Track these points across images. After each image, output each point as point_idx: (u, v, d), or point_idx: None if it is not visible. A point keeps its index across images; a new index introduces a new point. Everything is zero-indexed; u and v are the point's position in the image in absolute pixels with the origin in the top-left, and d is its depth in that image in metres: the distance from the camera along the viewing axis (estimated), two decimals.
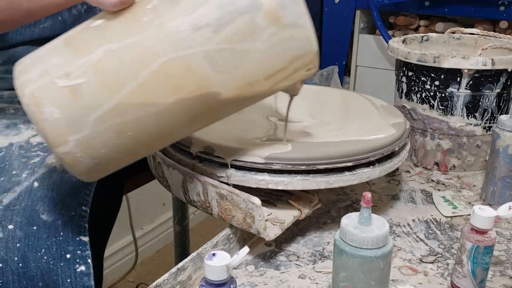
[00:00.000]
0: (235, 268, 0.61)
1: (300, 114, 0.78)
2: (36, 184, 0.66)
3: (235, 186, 0.62)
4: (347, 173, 0.65)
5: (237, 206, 0.60)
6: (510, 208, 0.55)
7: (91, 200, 0.70)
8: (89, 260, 0.65)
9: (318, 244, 0.67)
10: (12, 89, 0.83)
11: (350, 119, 0.77)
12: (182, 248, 1.25)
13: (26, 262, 0.61)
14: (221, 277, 0.45)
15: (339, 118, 0.77)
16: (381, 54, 1.98)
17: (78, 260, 0.64)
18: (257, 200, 0.58)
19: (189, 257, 0.58)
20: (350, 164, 0.64)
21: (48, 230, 0.64)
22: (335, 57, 2.12)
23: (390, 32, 1.94)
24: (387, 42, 1.58)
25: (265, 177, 0.63)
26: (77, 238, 0.65)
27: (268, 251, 0.65)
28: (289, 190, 0.67)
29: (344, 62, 2.12)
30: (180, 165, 0.65)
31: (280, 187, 0.63)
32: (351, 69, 2.10)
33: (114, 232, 1.55)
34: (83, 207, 0.68)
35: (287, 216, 0.65)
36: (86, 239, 0.66)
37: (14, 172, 0.67)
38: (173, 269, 0.55)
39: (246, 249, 0.47)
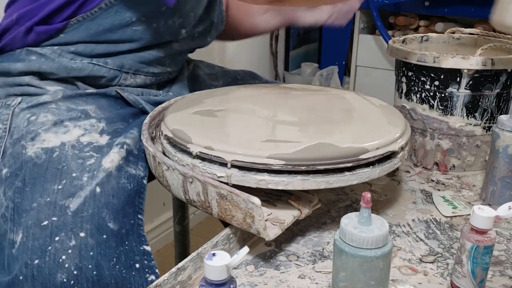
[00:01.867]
0: (235, 268, 0.61)
1: (299, 114, 0.78)
2: (98, 189, 0.66)
3: (235, 186, 0.62)
4: (347, 173, 0.65)
5: (237, 206, 0.60)
6: (510, 208, 0.55)
7: (144, 209, 0.70)
8: (157, 270, 0.66)
9: (318, 244, 0.67)
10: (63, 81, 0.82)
11: (349, 119, 0.77)
12: (182, 248, 1.25)
13: (100, 270, 0.62)
14: (221, 277, 0.45)
15: (339, 119, 0.77)
16: (381, 54, 1.98)
17: (147, 270, 0.65)
18: (257, 200, 0.58)
19: (189, 257, 0.58)
20: (350, 165, 0.64)
21: (116, 239, 0.65)
22: (335, 57, 2.13)
23: (390, 32, 1.94)
24: (387, 42, 1.58)
25: (265, 177, 0.63)
26: (141, 248, 0.66)
27: (268, 251, 0.65)
28: (289, 190, 0.67)
29: (344, 62, 2.12)
30: (180, 165, 0.65)
31: (280, 187, 0.63)
32: (351, 69, 2.10)
33: None
34: (139, 215, 0.69)
35: (287, 216, 0.65)
36: (149, 248, 0.67)
37: (74, 174, 0.68)
38: (173, 269, 0.55)
39: (246, 249, 0.47)
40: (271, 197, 0.69)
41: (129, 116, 0.82)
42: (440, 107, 0.86)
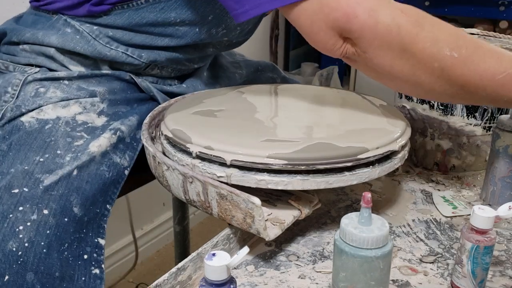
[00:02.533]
0: (235, 268, 0.61)
1: (299, 114, 0.78)
2: (75, 172, 0.67)
3: (235, 186, 0.62)
4: (346, 173, 0.65)
5: (237, 206, 0.60)
6: (510, 208, 0.55)
7: (115, 199, 0.70)
8: (103, 265, 0.66)
9: (318, 244, 0.67)
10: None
11: (349, 119, 0.77)
12: (182, 248, 1.25)
13: (49, 250, 0.62)
14: (221, 277, 0.45)
15: (339, 119, 0.77)
16: None
17: (93, 263, 0.65)
18: (257, 200, 0.58)
19: (189, 257, 0.58)
20: (349, 164, 0.64)
21: (75, 225, 0.65)
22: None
23: None
24: None
25: (265, 177, 0.63)
26: (95, 240, 0.67)
27: (268, 251, 0.65)
28: (289, 190, 0.67)
29: (344, 62, 2.12)
30: (180, 165, 0.65)
31: (280, 187, 0.63)
32: (351, 69, 2.10)
33: (114, 232, 1.55)
34: (107, 205, 0.70)
35: (287, 216, 0.65)
36: (103, 242, 0.67)
37: (58, 151, 0.68)
38: (173, 269, 0.55)
39: (246, 249, 0.47)
40: (271, 197, 0.69)
41: (135, 100, 0.82)
42: (440, 107, 0.86)
